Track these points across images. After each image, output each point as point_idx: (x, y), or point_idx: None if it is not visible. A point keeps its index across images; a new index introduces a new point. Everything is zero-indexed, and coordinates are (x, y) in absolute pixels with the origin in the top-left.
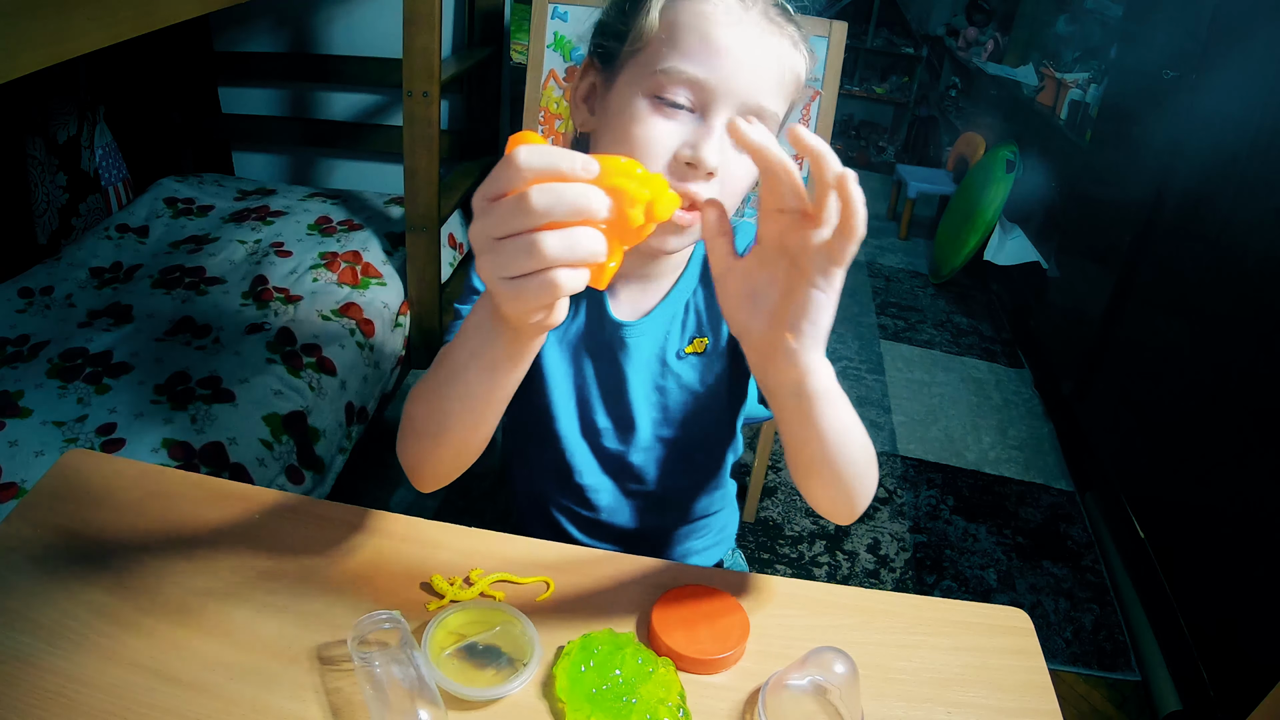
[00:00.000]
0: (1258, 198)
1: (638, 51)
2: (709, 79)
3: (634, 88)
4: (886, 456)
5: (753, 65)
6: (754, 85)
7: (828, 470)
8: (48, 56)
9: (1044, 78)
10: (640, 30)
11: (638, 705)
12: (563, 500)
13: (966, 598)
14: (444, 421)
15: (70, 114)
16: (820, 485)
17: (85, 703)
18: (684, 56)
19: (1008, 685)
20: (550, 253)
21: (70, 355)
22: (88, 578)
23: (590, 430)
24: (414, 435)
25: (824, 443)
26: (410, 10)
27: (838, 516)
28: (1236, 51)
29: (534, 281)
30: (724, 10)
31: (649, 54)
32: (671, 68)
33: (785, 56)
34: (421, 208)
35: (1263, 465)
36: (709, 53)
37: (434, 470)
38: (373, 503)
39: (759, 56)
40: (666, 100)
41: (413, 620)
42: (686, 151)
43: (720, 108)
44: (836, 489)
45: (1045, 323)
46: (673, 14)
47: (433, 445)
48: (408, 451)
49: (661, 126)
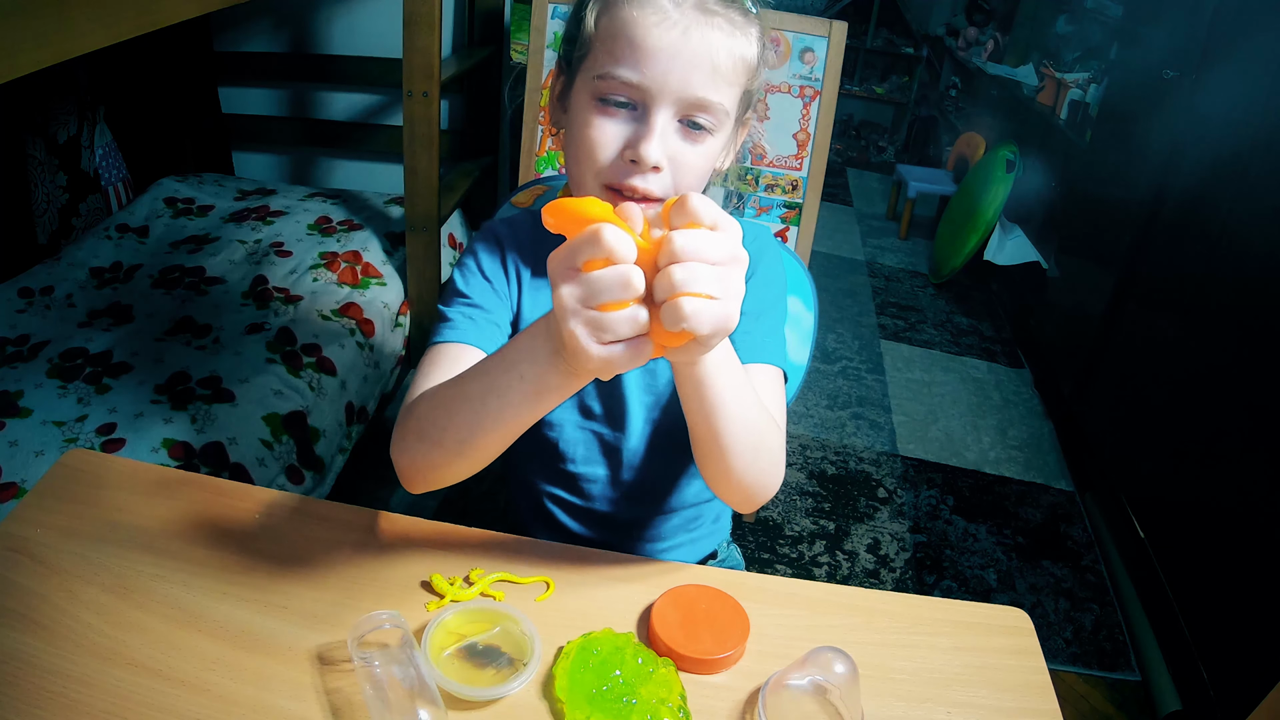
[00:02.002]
0: (1258, 197)
1: (584, 56)
2: (642, 81)
3: (582, 91)
4: (886, 456)
5: (685, 63)
6: (687, 81)
7: (719, 448)
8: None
9: (1044, 78)
10: (582, 36)
11: (638, 705)
12: (554, 489)
13: (966, 598)
14: (470, 436)
15: (70, 114)
16: (710, 462)
17: (85, 703)
18: (617, 62)
19: (1008, 685)
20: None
21: (70, 355)
22: (88, 578)
23: (584, 413)
24: (422, 439)
25: (710, 417)
26: (410, 10)
27: (731, 500)
28: (1236, 51)
29: (632, 345)
30: (651, 12)
31: (591, 59)
32: (607, 73)
33: (721, 45)
34: (421, 208)
35: (1262, 465)
36: (639, 56)
37: (439, 476)
38: (373, 503)
39: (691, 53)
40: (610, 101)
41: (413, 620)
42: (628, 151)
43: (659, 106)
44: (724, 468)
45: (1045, 323)
46: (606, 20)
47: (445, 455)
48: (411, 453)
49: (606, 128)
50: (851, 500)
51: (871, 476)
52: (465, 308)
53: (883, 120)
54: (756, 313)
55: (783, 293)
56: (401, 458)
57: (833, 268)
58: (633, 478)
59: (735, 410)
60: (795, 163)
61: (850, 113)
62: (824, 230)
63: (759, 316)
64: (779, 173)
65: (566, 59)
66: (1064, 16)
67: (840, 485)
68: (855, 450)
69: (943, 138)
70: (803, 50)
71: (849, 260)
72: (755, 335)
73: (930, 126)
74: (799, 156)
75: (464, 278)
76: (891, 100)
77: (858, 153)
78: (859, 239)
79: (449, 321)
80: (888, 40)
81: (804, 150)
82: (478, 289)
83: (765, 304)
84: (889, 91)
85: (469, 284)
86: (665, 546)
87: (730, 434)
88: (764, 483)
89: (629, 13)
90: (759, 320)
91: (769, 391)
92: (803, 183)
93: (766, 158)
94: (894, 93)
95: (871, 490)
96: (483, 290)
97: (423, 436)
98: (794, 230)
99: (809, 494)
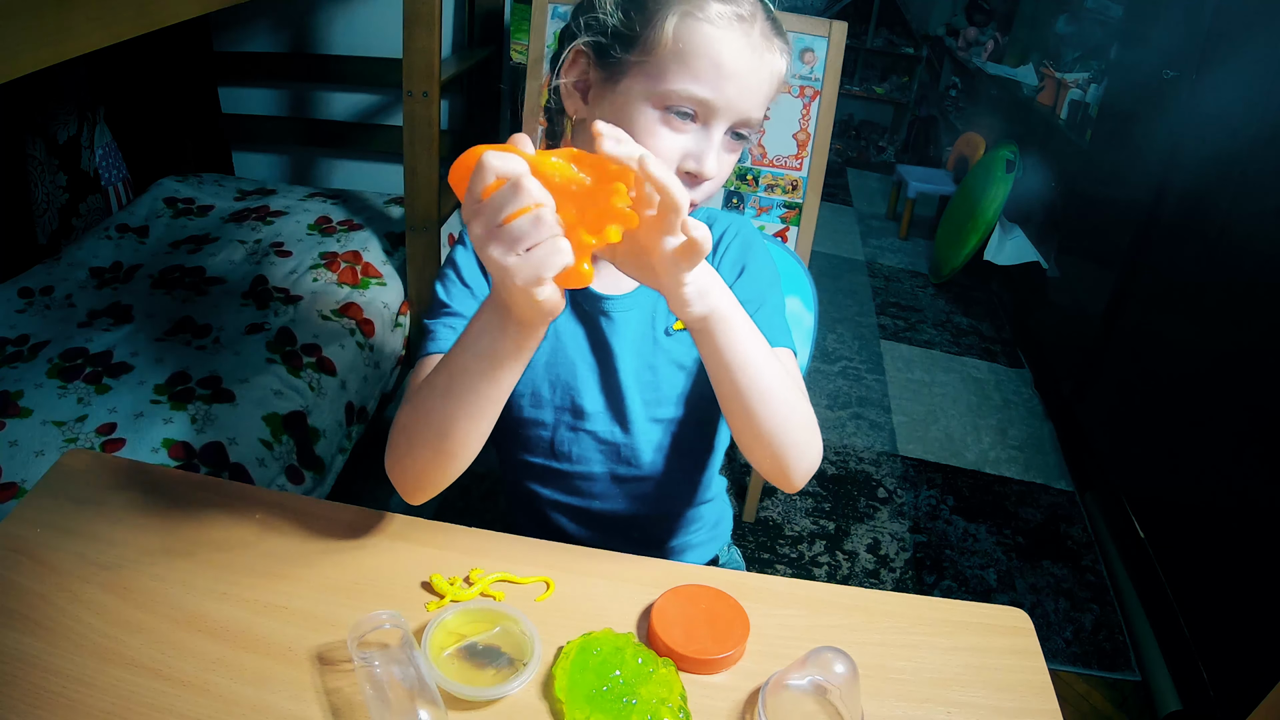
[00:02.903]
0: (1257, 197)
1: (645, 61)
2: (715, 99)
3: (642, 98)
4: (887, 456)
5: (753, 85)
6: (752, 102)
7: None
8: (48, 56)
9: (1044, 78)
10: (650, 43)
11: (638, 705)
12: (554, 494)
13: (966, 598)
14: (445, 426)
15: (70, 114)
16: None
17: (85, 703)
18: (695, 79)
19: (1008, 685)
20: (552, 219)
21: (70, 355)
22: (88, 578)
23: (580, 414)
24: (408, 445)
25: (732, 370)
26: (410, 10)
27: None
28: (1236, 51)
29: (544, 248)
30: (739, 35)
31: (657, 66)
32: (684, 89)
33: (776, 69)
34: (421, 208)
35: (1263, 465)
36: (718, 76)
37: (431, 479)
38: (373, 503)
39: (758, 76)
40: (675, 113)
41: (413, 620)
42: (691, 164)
43: (720, 121)
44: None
45: (1045, 323)
46: (685, 34)
47: (432, 453)
48: (400, 463)
49: (670, 139)
50: (851, 500)
51: (871, 476)
52: (447, 317)
53: (883, 120)
54: (756, 302)
55: (775, 279)
56: (393, 470)
57: (833, 268)
58: (632, 475)
59: (757, 364)
60: (795, 163)
61: (850, 113)
62: (824, 230)
63: (760, 306)
64: (779, 173)
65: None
66: (1064, 16)
67: (840, 485)
68: (855, 450)
69: (943, 138)
70: (803, 50)
71: (849, 260)
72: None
73: (930, 126)
74: (799, 156)
75: (445, 288)
76: (891, 100)
77: (858, 153)
78: (859, 239)
79: (431, 334)
80: (888, 40)
81: (804, 150)
82: (458, 297)
83: (761, 293)
84: (889, 91)
85: (450, 294)
86: (663, 552)
87: (756, 391)
88: (799, 449)
89: (713, 31)
90: (760, 310)
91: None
92: (803, 183)
93: (766, 158)
94: (894, 93)
95: (871, 490)
96: (463, 298)
97: (409, 444)
98: (794, 230)
99: (809, 494)
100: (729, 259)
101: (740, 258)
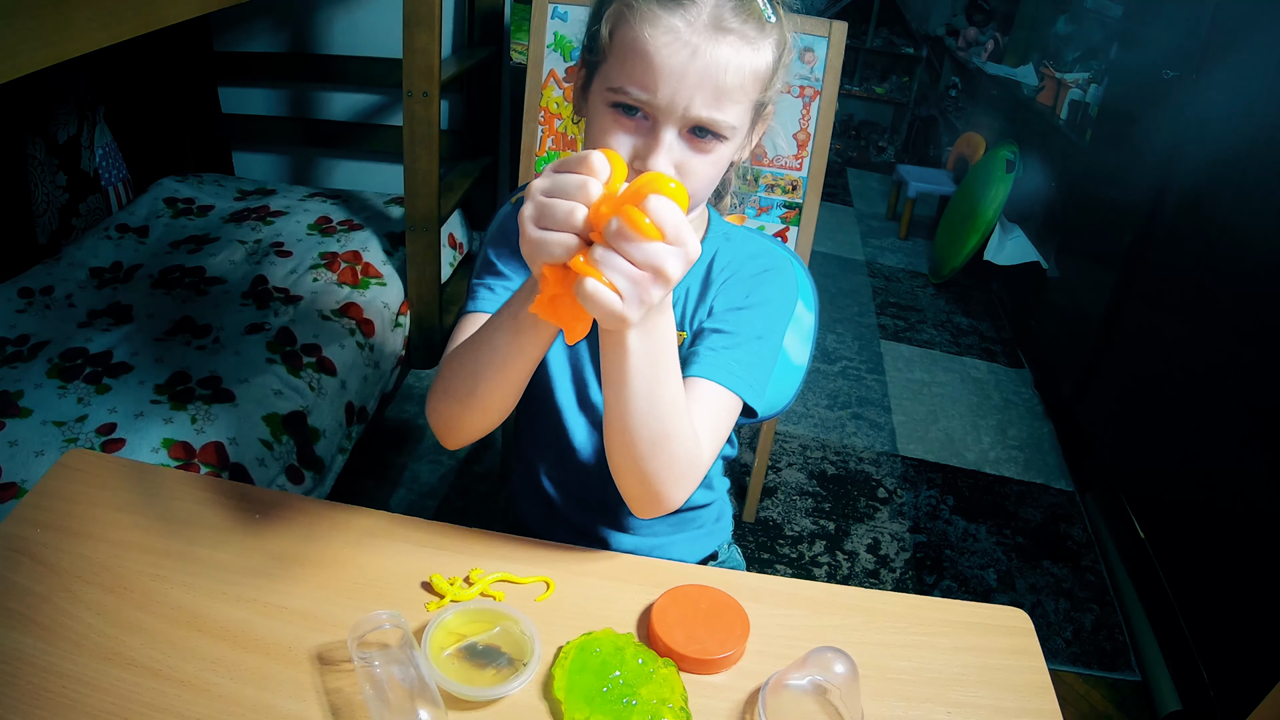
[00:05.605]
0: (1258, 197)
1: (599, 62)
2: (651, 100)
3: (598, 95)
4: (886, 456)
5: (691, 84)
6: (693, 101)
7: (614, 424)
8: (48, 56)
9: (1044, 78)
10: (599, 42)
11: (638, 706)
12: (559, 476)
13: (966, 598)
14: (475, 384)
15: (70, 114)
16: (609, 440)
17: (85, 703)
18: (629, 78)
19: (1008, 685)
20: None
21: (70, 355)
22: (88, 578)
23: (586, 405)
24: (444, 396)
25: (616, 390)
26: (410, 10)
27: (623, 489)
28: (1236, 51)
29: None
30: (663, 32)
31: (605, 67)
32: (619, 88)
33: (730, 64)
34: (421, 208)
35: (1263, 465)
36: (649, 75)
37: (462, 429)
38: (373, 503)
39: (697, 75)
40: (623, 111)
41: (413, 620)
42: (637, 162)
43: (666, 120)
44: (617, 448)
45: (1045, 323)
46: (619, 33)
47: (462, 407)
48: (437, 412)
49: (621, 139)
50: (851, 500)
51: (871, 476)
52: (490, 278)
53: (883, 120)
54: (735, 336)
55: (776, 328)
56: (431, 417)
57: (833, 268)
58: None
59: (644, 395)
60: (795, 163)
61: (850, 113)
62: (824, 230)
63: (737, 343)
64: (779, 173)
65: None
66: (1064, 16)
67: (840, 485)
68: (855, 450)
69: (943, 138)
70: (803, 50)
71: (849, 260)
72: (722, 356)
73: (930, 126)
74: (799, 156)
75: (495, 249)
76: (891, 100)
77: (858, 153)
78: (859, 239)
79: (473, 293)
80: (888, 40)
81: (804, 150)
82: (505, 260)
83: (747, 332)
84: (889, 91)
85: (499, 255)
86: (662, 542)
87: (631, 416)
88: (657, 485)
89: (642, 31)
90: (735, 347)
91: (706, 409)
92: (803, 183)
93: (766, 158)
94: (894, 93)
95: (871, 490)
96: (509, 261)
97: (445, 394)
98: (794, 230)
99: (809, 494)
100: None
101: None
